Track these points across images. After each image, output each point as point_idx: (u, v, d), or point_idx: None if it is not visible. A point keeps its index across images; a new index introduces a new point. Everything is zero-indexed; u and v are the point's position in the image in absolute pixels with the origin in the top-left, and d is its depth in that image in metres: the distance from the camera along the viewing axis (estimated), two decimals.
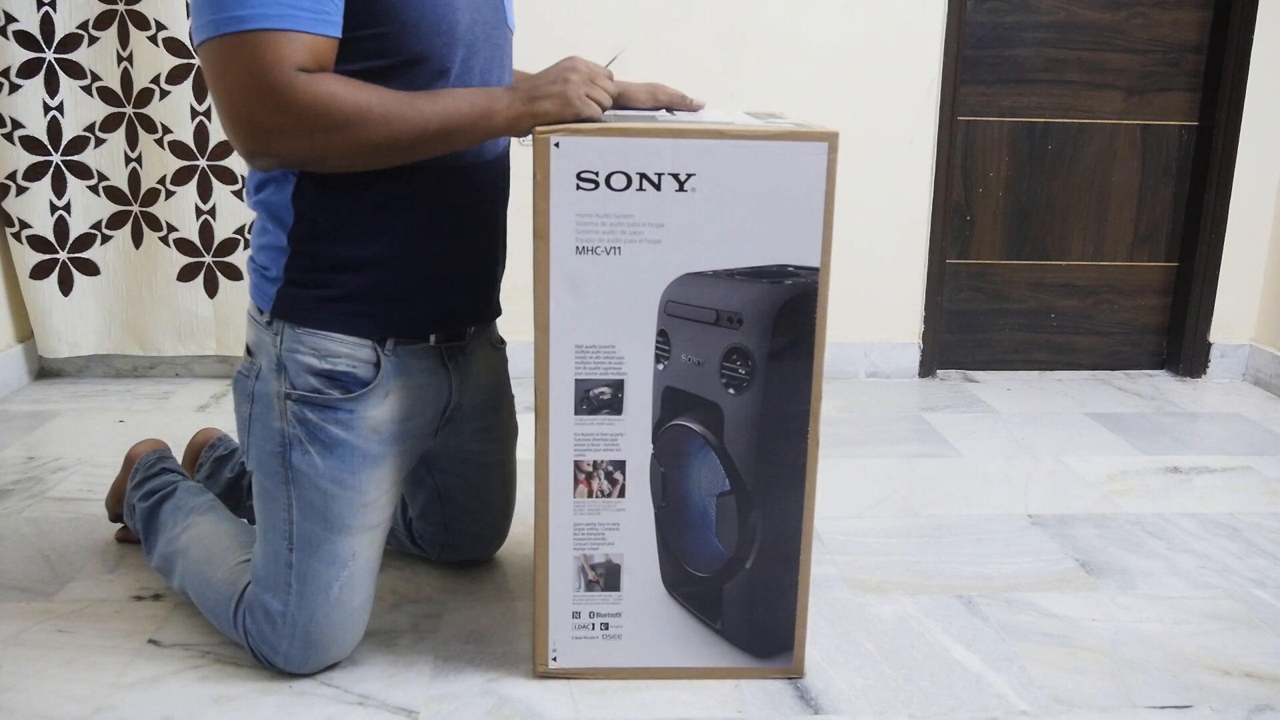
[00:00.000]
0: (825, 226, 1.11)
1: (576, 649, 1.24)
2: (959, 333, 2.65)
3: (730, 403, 1.15)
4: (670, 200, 1.09)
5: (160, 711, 1.17)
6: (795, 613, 1.23)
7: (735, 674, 1.25)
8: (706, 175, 1.09)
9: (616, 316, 1.13)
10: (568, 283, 1.11)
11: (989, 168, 2.56)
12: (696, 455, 1.18)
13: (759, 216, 1.10)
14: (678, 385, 1.15)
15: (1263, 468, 2.01)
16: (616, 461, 1.17)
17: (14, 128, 2.19)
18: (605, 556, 1.21)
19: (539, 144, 1.07)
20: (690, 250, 1.11)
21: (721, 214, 1.10)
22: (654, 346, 1.14)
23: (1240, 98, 2.47)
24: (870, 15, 2.40)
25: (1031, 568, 1.57)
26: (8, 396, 2.28)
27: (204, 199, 2.30)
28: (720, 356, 1.14)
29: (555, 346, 1.13)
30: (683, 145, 1.07)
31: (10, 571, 1.49)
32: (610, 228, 1.10)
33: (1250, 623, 1.42)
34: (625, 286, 1.12)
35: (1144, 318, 2.69)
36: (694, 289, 1.12)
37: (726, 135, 1.08)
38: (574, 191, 1.08)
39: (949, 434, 2.18)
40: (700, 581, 1.22)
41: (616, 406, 1.16)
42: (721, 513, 1.19)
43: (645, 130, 1.08)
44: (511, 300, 2.57)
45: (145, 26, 2.19)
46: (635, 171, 1.08)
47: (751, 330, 1.13)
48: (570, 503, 1.19)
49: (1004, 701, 1.22)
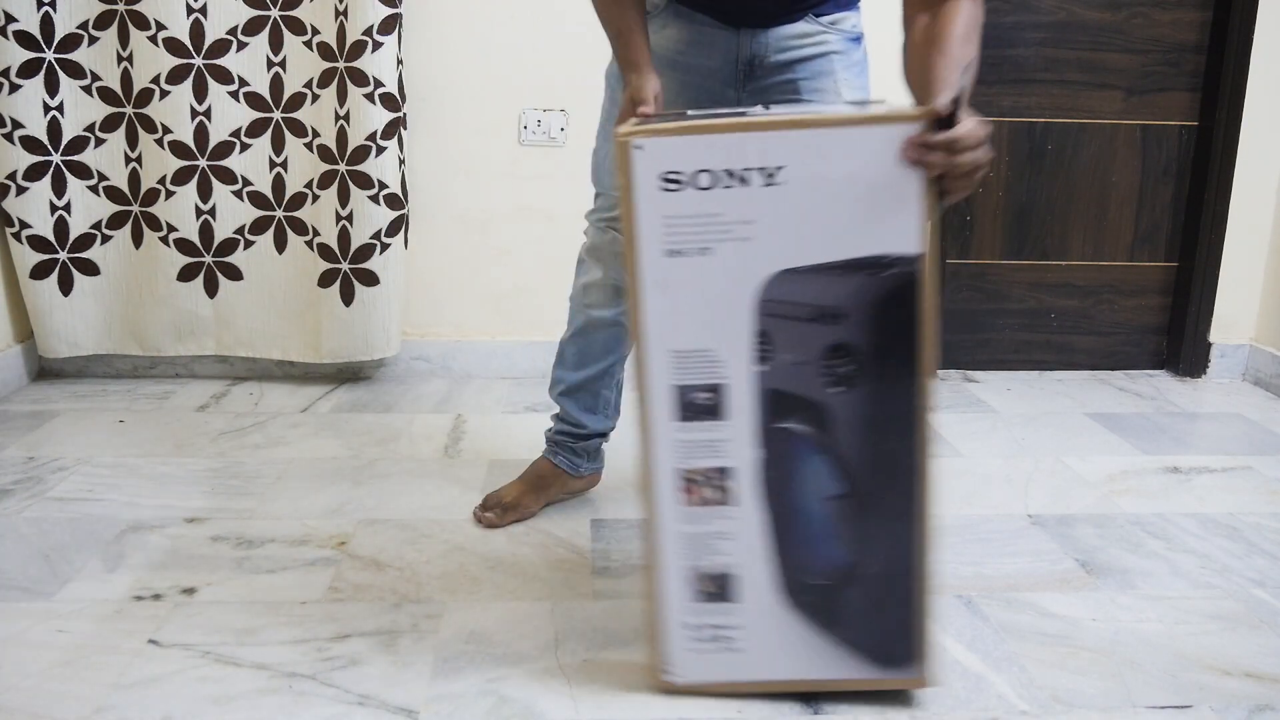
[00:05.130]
0: (924, 212, 1.04)
1: (694, 662, 1.20)
2: (959, 333, 2.65)
3: (838, 401, 1.11)
4: (759, 195, 1.05)
5: (160, 711, 1.17)
6: (919, 619, 1.17)
7: (860, 684, 1.20)
8: (795, 167, 1.04)
9: (712, 318, 1.09)
10: (660, 287, 1.08)
11: (989, 168, 2.56)
12: (806, 458, 1.13)
13: (853, 206, 1.05)
14: (782, 387, 1.11)
15: (1263, 468, 2.01)
16: (723, 468, 1.14)
17: (14, 128, 2.19)
18: (719, 566, 1.16)
19: (620, 148, 1.05)
20: (783, 246, 1.06)
21: (814, 207, 1.05)
22: (753, 348, 1.10)
23: (1240, 98, 2.47)
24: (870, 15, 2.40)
25: (1031, 568, 1.57)
26: (8, 396, 2.28)
27: (204, 199, 2.30)
28: (823, 354, 1.09)
29: (652, 352, 1.10)
30: (769, 138, 1.03)
31: (10, 571, 1.49)
32: (699, 228, 1.06)
33: (1250, 623, 1.42)
34: (718, 287, 1.08)
35: (1144, 318, 2.69)
36: (791, 286, 1.08)
37: (813, 124, 1.04)
38: (659, 193, 1.05)
39: (949, 434, 2.18)
40: (819, 590, 1.17)
41: (718, 411, 1.12)
42: (836, 517, 1.14)
43: (727, 125, 1.04)
44: (513, 299, 2.58)
45: (145, 26, 2.19)
46: (721, 168, 1.04)
47: (854, 324, 1.08)
48: (679, 512, 1.15)
49: (1004, 701, 1.22)
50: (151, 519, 1.67)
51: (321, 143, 2.27)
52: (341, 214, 2.29)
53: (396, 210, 2.30)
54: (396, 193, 2.29)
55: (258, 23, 2.22)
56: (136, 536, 1.60)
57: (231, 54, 2.23)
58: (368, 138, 2.23)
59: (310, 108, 2.27)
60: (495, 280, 2.48)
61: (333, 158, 2.27)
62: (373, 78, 2.20)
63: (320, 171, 2.29)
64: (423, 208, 2.42)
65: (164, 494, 1.77)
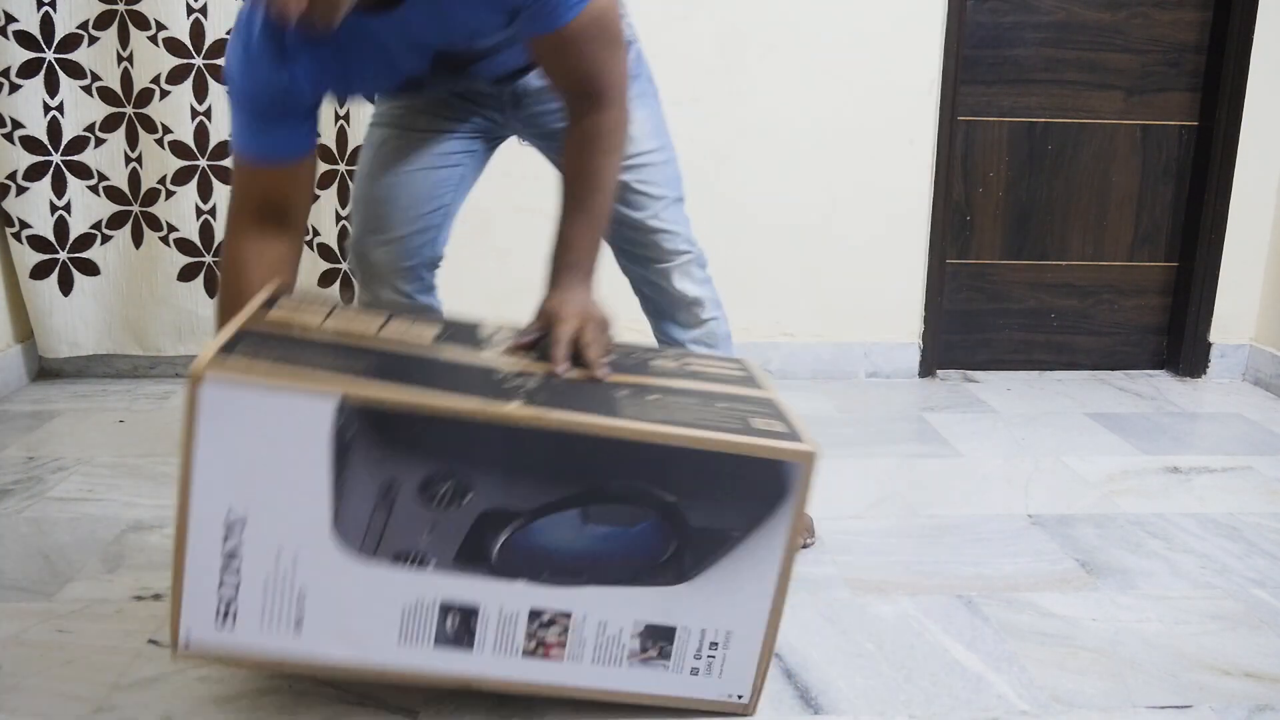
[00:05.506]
0: None
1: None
2: (959, 333, 2.65)
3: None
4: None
5: (160, 711, 1.17)
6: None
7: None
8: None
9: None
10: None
11: (989, 168, 2.56)
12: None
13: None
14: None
15: (1263, 468, 2.01)
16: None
17: (14, 128, 2.19)
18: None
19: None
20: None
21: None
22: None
23: (1240, 98, 2.47)
24: (870, 15, 2.40)
25: (1031, 568, 1.57)
26: (8, 396, 2.28)
27: (204, 199, 2.30)
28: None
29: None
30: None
31: (10, 571, 1.49)
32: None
33: (1250, 623, 1.42)
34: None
35: (1144, 318, 2.69)
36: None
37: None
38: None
39: (949, 434, 2.18)
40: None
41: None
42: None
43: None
44: (512, 299, 2.57)
45: (145, 26, 2.19)
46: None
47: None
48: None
49: (1004, 701, 1.22)
50: (151, 519, 1.67)
51: (321, 143, 2.27)
52: (341, 214, 2.29)
53: None
54: None
55: None
56: (136, 536, 1.60)
57: None
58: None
59: None
60: (494, 280, 2.48)
61: (332, 158, 2.27)
62: None
63: (320, 171, 2.29)
64: None
65: (164, 494, 1.77)
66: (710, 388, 1.17)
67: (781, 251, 2.52)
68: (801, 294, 2.54)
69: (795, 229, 2.49)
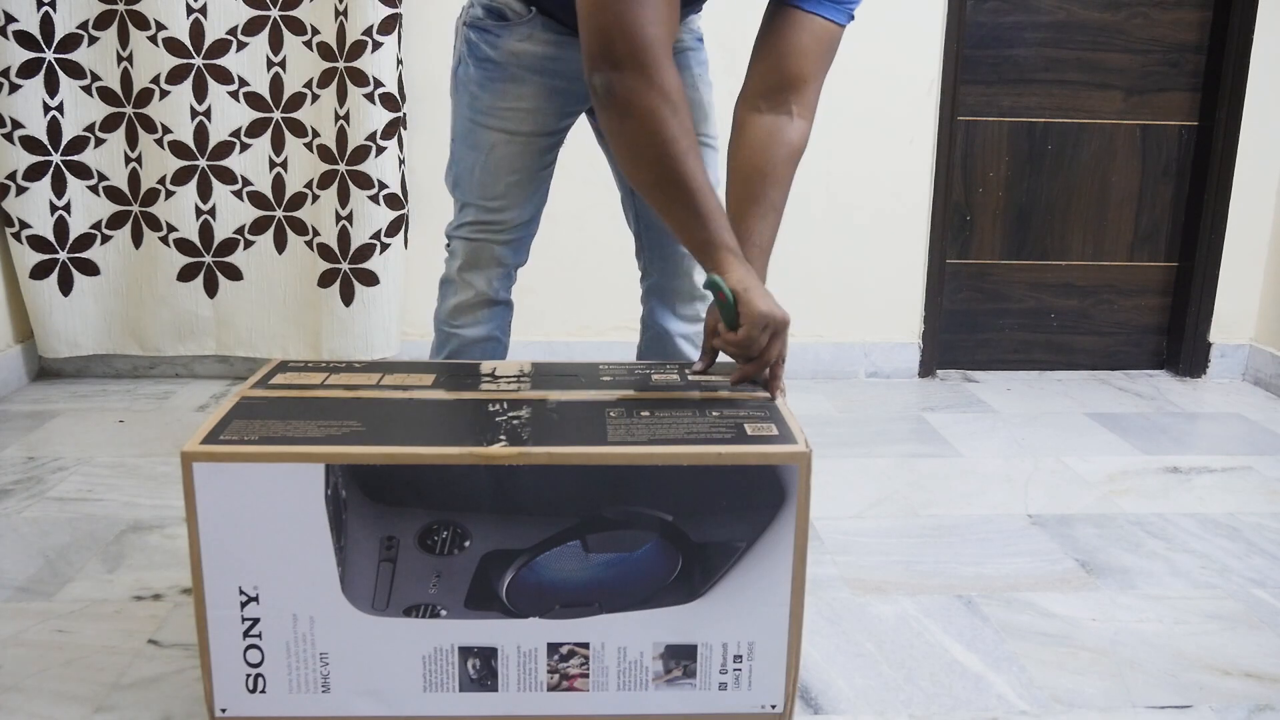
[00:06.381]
0: None
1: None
2: (959, 333, 2.65)
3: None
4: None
5: (160, 711, 1.17)
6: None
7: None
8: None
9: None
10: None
11: (989, 168, 2.56)
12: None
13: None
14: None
15: (1263, 468, 2.01)
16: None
17: (14, 128, 2.19)
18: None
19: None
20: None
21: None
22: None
23: (1240, 98, 2.47)
24: (870, 15, 2.40)
25: (1031, 568, 1.57)
26: (8, 396, 2.28)
27: (204, 199, 2.30)
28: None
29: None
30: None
31: (10, 571, 1.49)
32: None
33: (1250, 623, 1.42)
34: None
35: (1144, 318, 2.69)
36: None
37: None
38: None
39: (949, 434, 2.18)
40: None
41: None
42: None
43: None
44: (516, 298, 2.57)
45: (145, 26, 2.19)
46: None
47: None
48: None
49: (1004, 701, 1.22)
50: (151, 519, 1.67)
51: (321, 143, 2.27)
52: (341, 214, 2.29)
53: (396, 210, 2.30)
54: (396, 193, 2.29)
55: (258, 23, 2.23)
56: (136, 536, 1.60)
57: (231, 54, 2.23)
58: (367, 138, 2.23)
59: (310, 108, 2.27)
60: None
61: (332, 158, 2.27)
62: (372, 78, 2.20)
63: (320, 171, 2.29)
64: (422, 208, 2.41)
65: (164, 494, 1.77)
66: (706, 396, 1.17)
67: (781, 251, 2.52)
68: (801, 294, 2.54)
69: (795, 228, 2.49)
